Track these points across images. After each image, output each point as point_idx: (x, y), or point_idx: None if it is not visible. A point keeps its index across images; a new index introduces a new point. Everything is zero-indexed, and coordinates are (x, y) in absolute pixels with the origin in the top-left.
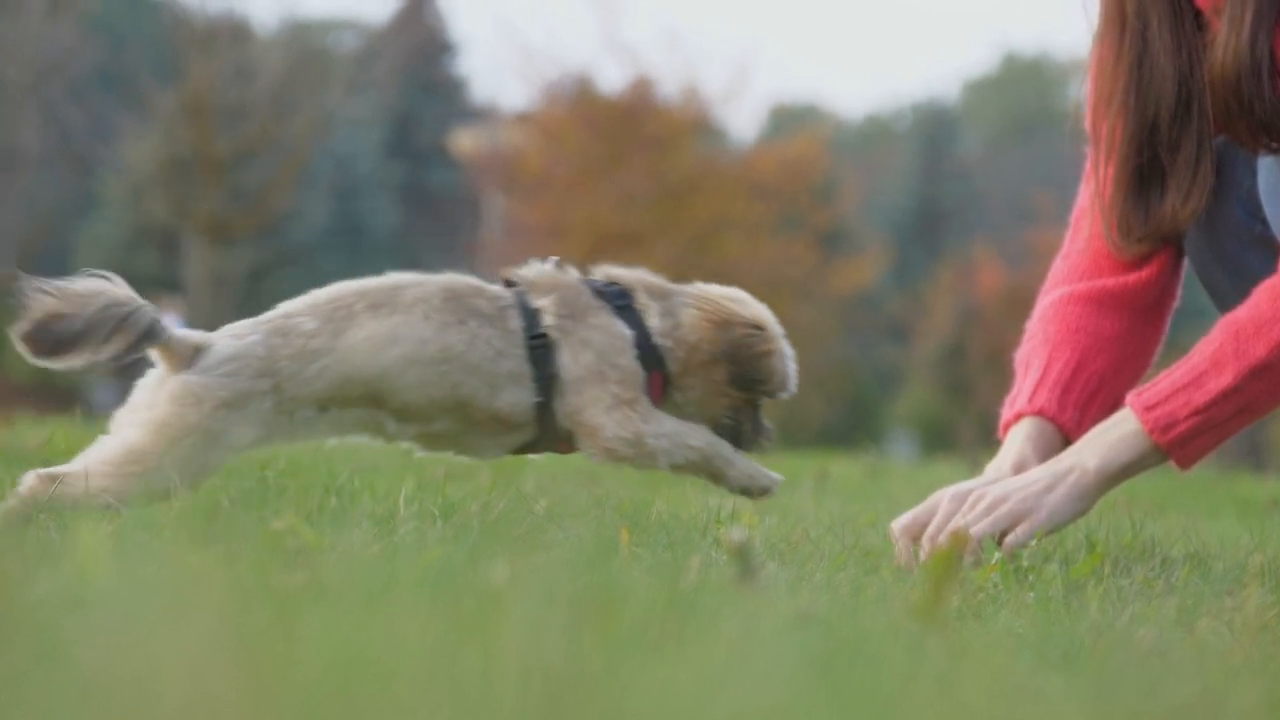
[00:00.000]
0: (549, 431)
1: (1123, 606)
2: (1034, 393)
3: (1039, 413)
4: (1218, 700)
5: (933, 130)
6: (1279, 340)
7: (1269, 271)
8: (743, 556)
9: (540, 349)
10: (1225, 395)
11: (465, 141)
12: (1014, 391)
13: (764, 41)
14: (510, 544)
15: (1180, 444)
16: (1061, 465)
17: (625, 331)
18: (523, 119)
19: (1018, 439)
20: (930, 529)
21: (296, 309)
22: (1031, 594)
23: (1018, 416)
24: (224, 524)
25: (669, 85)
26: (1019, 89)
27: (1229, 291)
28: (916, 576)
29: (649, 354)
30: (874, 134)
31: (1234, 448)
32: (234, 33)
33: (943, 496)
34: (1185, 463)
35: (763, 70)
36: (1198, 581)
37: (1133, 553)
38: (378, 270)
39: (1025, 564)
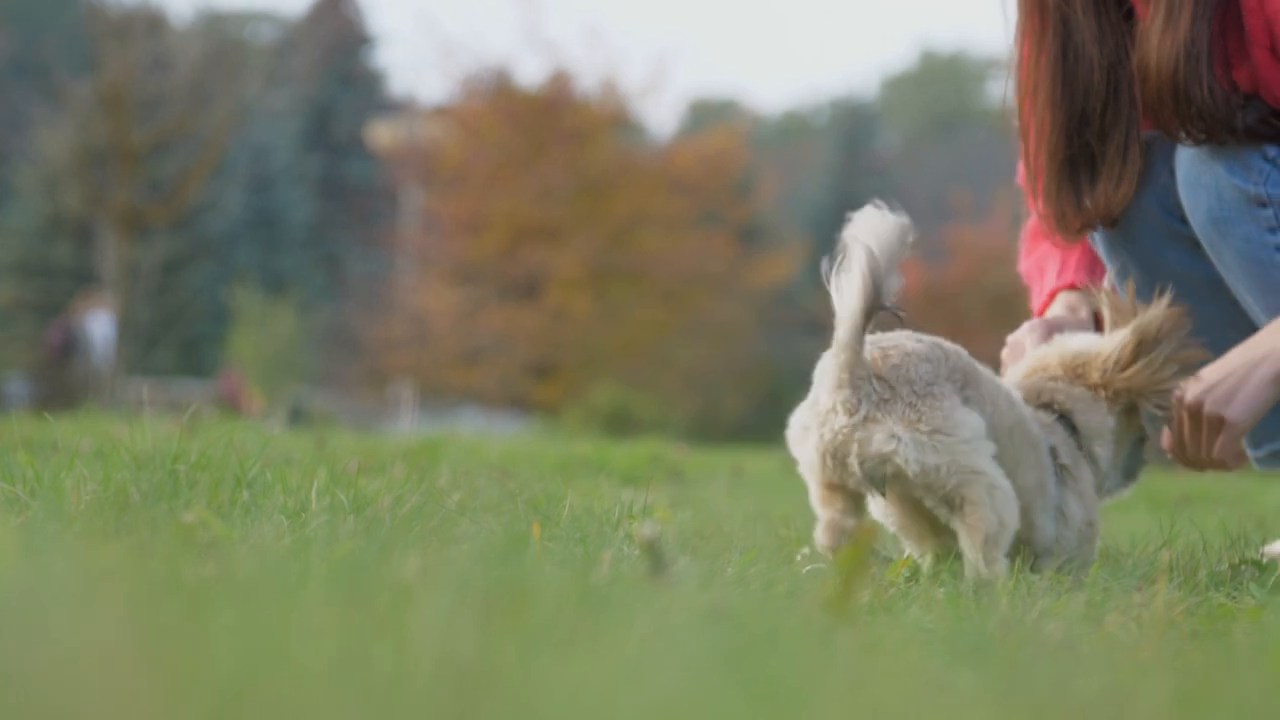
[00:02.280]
0: None
1: (1032, 602)
2: (1060, 273)
3: (1070, 286)
4: (1126, 695)
5: (851, 126)
6: None
7: (1187, 269)
8: (654, 551)
9: None
10: None
11: (383, 134)
12: (1037, 288)
13: (683, 36)
14: (422, 538)
15: None
16: (1256, 352)
17: None
18: (441, 112)
19: (1058, 309)
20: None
21: None
22: (941, 589)
23: (1051, 296)
24: (134, 517)
25: (588, 79)
26: (937, 86)
27: (1144, 288)
28: (829, 570)
29: None
30: (793, 130)
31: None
32: (150, 23)
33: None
34: None
35: (682, 65)
36: (1107, 577)
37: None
38: (294, 262)
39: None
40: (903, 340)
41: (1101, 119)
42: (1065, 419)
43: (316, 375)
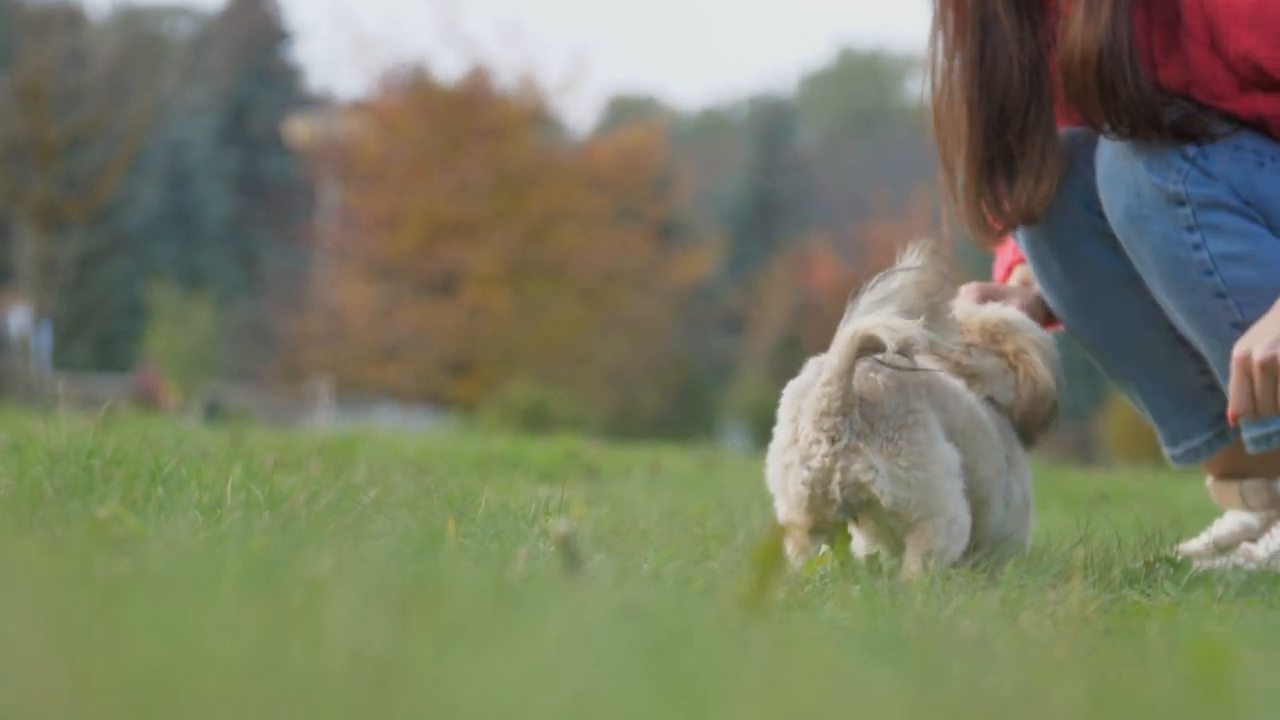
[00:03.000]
0: None
1: (947, 599)
2: (1018, 246)
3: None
4: (1041, 693)
5: (769, 123)
6: None
7: (1107, 265)
8: (569, 548)
9: None
10: None
11: (300, 130)
12: (999, 257)
13: (602, 33)
14: (337, 534)
15: None
16: None
17: None
18: (359, 108)
19: (1014, 281)
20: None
21: None
22: (857, 587)
23: (1008, 269)
24: (48, 512)
25: (506, 75)
26: (856, 83)
27: (1064, 284)
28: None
29: None
30: (711, 126)
31: (1062, 442)
32: (67, 18)
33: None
34: None
35: (601, 61)
36: (1022, 575)
37: None
38: (211, 257)
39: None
40: (863, 368)
41: (1024, 118)
42: (992, 401)
43: (233, 371)
